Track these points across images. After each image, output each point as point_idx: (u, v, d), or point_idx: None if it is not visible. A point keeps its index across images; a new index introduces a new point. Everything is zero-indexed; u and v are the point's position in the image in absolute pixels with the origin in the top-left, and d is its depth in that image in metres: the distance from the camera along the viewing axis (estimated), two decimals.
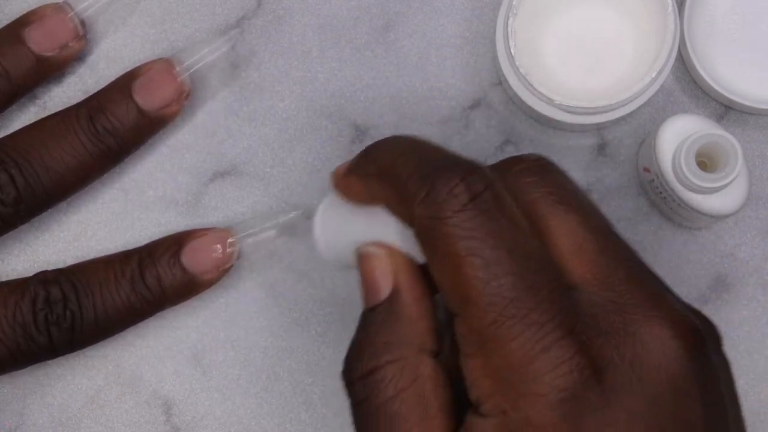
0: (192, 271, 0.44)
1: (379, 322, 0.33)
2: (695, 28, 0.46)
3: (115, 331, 0.44)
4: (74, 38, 0.45)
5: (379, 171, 0.33)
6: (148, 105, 0.44)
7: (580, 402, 0.29)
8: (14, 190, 0.43)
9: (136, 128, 0.44)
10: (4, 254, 0.47)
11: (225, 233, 0.44)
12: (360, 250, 0.35)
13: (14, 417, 0.46)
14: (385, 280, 0.33)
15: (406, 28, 0.48)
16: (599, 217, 0.33)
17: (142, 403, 0.46)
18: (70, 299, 0.42)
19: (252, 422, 0.46)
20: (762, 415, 0.46)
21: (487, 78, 0.47)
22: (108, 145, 0.44)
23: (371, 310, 0.34)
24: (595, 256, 0.32)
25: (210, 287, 0.45)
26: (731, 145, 0.41)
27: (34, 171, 0.43)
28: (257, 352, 0.46)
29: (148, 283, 0.43)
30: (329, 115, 0.47)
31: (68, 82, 0.47)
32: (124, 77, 0.45)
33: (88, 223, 0.47)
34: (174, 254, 0.44)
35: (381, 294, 0.33)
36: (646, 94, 0.44)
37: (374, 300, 0.34)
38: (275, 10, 0.48)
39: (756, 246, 0.46)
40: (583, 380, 0.29)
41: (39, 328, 0.42)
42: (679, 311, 0.31)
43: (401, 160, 0.33)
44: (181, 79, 0.44)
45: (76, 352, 0.44)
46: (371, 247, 0.34)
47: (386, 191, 0.33)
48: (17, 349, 0.42)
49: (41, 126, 0.44)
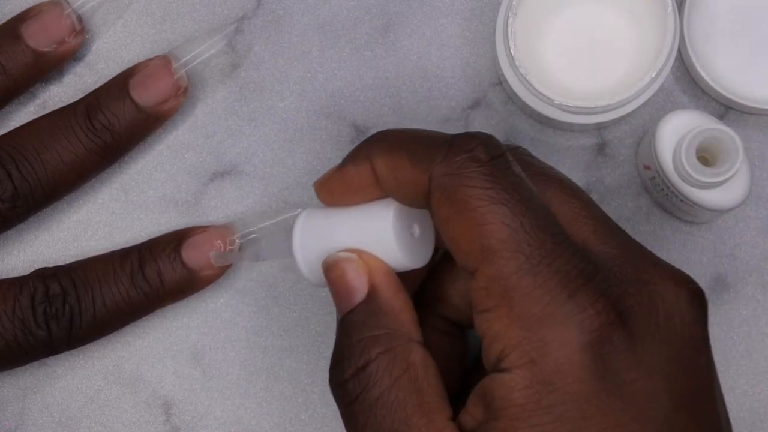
0: (192, 267, 0.44)
1: (360, 321, 0.33)
2: (695, 28, 0.46)
3: (115, 327, 0.44)
4: (71, 34, 0.45)
5: (389, 146, 0.34)
6: (145, 101, 0.44)
7: (607, 344, 0.30)
8: (11, 185, 0.43)
9: (134, 125, 0.44)
10: (4, 254, 0.47)
11: (226, 230, 0.44)
12: (327, 260, 0.35)
13: (14, 417, 0.46)
14: (359, 281, 0.34)
15: (406, 28, 0.48)
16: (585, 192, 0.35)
17: (142, 403, 0.46)
18: (69, 294, 0.43)
19: (252, 422, 0.46)
20: (762, 415, 0.46)
21: (487, 78, 0.47)
22: (105, 142, 0.44)
23: (350, 312, 0.34)
24: (594, 220, 0.33)
25: (209, 284, 0.45)
26: (731, 139, 0.41)
27: (30, 167, 0.43)
28: (257, 352, 0.46)
29: (148, 277, 0.43)
30: (329, 115, 0.47)
31: (67, 81, 0.47)
32: (121, 74, 0.45)
33: (87, 223, 0.47)
34: (174, 249, 0.44)
35: (357, 295, 0.34)
36: (646, 94, 0.44)
37: (350, 303, 0.34)
38: (275, 10, 0.48)
39: (756, 245, 0.46)
40: (609, 322, 0.30)
41: (38, 322, 0.42)
42: (681, 271, 0.33)
43: (413, 133, 0.34)
44: (177, 75, 0.45)
45: (76, 350, 0.44)
46: (341, 253, 0.35)
47: (395, 162, 0.33)
48: (16, 344, 0.42)
49: (38, 123, 0.44)
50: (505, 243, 0.30)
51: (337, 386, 0.33)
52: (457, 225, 0.31)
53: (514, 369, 0.30)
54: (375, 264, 0.34)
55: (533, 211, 0.31)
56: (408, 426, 0.31)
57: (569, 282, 0.30)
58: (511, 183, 0.31)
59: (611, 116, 0.44)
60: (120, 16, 0.45)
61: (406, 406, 0.32)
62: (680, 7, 0.45)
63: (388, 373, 0.32)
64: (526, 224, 0.31)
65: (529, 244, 0.30)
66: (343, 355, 0.33)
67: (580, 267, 0.31)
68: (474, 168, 0.31)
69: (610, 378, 0.30)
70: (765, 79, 0.46)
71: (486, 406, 0.31)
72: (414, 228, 0.35)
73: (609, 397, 0.30)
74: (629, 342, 0.30)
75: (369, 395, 0.32)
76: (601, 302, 0.30)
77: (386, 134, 0.35)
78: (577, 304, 0.30)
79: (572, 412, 0.29)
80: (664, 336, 0.31)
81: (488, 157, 0.32)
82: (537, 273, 0.30)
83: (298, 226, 0.37)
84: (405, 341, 0.33)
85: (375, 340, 0.33)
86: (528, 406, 0.30)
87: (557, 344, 0.30)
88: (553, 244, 0.31)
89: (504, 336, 0.30)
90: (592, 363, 0.30)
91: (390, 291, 0.34)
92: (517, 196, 0.31)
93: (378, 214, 0.35)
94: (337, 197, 0.36)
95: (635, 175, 0.47)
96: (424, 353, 0.33)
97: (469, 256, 0.31)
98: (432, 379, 0.33)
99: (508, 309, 0.30)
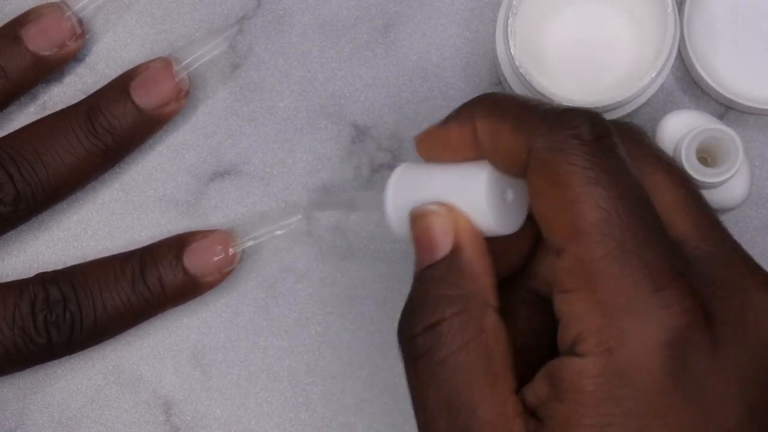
0: (193, 273, 0.44)
1: (439, 277, 0.33)
2: (695, 28, 0.46)
3: (115, 333, 0.44)
4: (72, 37, 0.45)
5: (494, 109, 0.33)
6: (146, 103, 0.44)
7: (689, 345, 0.29)
8: (13, 188, 0.43)
9: (135, 127, 0.44)
10: (4, 254, 0.47)
11: (227, 236, 0.44)
12: (415, 210, 0.34)
13: (14, 417, 0.46)
14: (445, 237, 0.33)
15: (406, 28, 0.48)
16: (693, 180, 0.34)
17: (142, 403, 0.46)
18: (70, 300, 0.42)
19: (252, 422, 0.46)
20: None
21: (487, 78, 0.47)
22: (106, 144, 0.44)
23: (429, 267, 0.33)
24: (698, 212, 0.32)
25: (211, 289, 0.45)
26: (731, 139, 0.41)
27: (32, 170, 0.43)
28: (257, 352, 0.46)
29: (149, 283, 0.43)
30: (329, 115, 0.47)
31: (68, 82, 0.47)
32: (122, 76, 0.45)
33: (87, 223, 0.47)
34: (176, 255, 0.44)
35: (440, 251, 0.33)
36: (646, 94, 0.44)
37: (431, 258, 0.33)
38: (275, 10, 0.48)
39: (756, 245, 0.46)
40: (694, 322, 0.29)
41: (38, 329, 0.42)
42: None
43: (521, 100, 0.33)
44: (179, 77, 0.45)
45: (76, 353, 0.44)
46: (430, 206, 0.34)
47: (498, 127, 0.33)
48: (15, 351, 0.42)
49: (40, 125, 0.44)
50: (596, 226, 0.30)
51: (406, 339, 0.32)
52: (550, 200, 0.31)
53: (588, 355, 0.29)
54: (462, 223, 0.33)
55: (631, 198, 0.30)
56: (471, 390, 0.31)
57: (658, 276, 0.29)
58: (612, 166, 0.30)
59: (611, 116, 0.44)
60: (120, 17, 0.45)
61: (473, 371, 0.31)
62: (680, 7, 0.45)
63: (459, 334, 0.31)
64: (621, 210, 0.30)
65: (621, 231, 0.30)
66: (416, 310, 0.32)
67: (672, 262, 0.30)
68: (576, 145, 0.30)
69: (686, 379, 0.29)
70: (765, 79, 0.46)
71: (553, 387, 0.30)
72: (507, 193, 0.34)
73: (682, 398, 0.29)
74: (712, 346, 0.29)
75: (437, 354, 0.31)
76: (688, 301, 0.29)
77: (494, 96, 0.34)
78: (663, 299, 0.29)
79: (642, 408, 0.29)
80: (749, 345, 0.30)
81: (593, 136, 0.31)
82: (626, 262, 0.29)
83: (392, 178, 0.36)
84: (481, 305, 0.32)
85: (451, 300, 0.32)
86: (597, 394, 0.29)
87: (637, 337, 0.29)
88: (647, 235, 0.30)
89: (583, 320, 0.30)
90: (670, 361, 0.29)
91: (474, 252, 0.33)
92: (615, 180, 0.30)
93: (472, 173, 0.34)
94: (436, 153, 0.35)
95: None
96: (498, 320, 0.32)
97: (558, 233, 0.31)
98: (502, 347, 0.32)
99: (591, 293, 0.30)
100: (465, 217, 0.34)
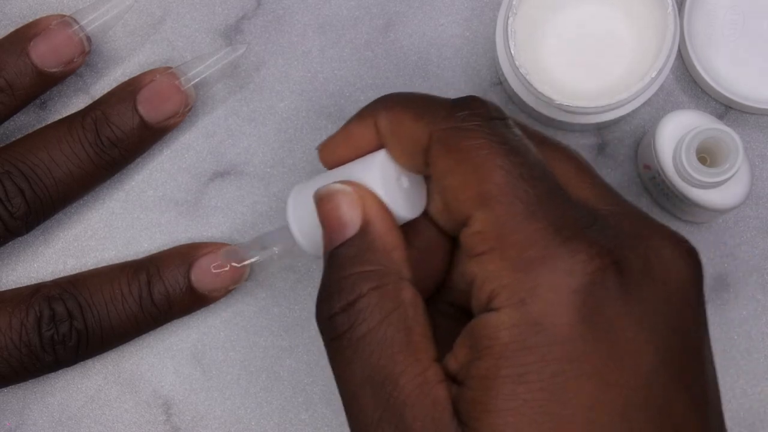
0: (201, 291, 0.44)
1: (352, 255, 0.33)
2: (695, 28, 0.46)
3: (120, 344, 0.45)
4: (80, 54, 0.44)
5: (394, 104, 0.34)
6: (153, 118, 0.44)
7: (600, 290, 0.30)
8: (24, 204, 0.43)
9: (141, 140, 0.44)
10: (3, 254, 0.47)
11: (235, 251, 0.44)
12: (320, 191, 0.34)
13: (14, 417, 0.46)
14: (354, 214, 0.33)
15: (406, 28, 0.48)
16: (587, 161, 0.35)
17: (142, 403, 0.46)
18: (76, 318, 0.42)
19: (252, 422, 0.46)
20: (762, 415, 0.46)
21: (487, 78, 0.47)
22: (113, 157, 0.44)
23: (341, 246, 0.33)
24: (594, 179, 0.33)
25: (216, 301, 0.45)
26: (732, 138, 0.41)
27: (43, 185, 0.43)
28: (257, 352, 0.46)
29: (156, 300, 0.43)
30: (329, 115, 0.47)
31: (67, 81, 0.47)
32: (129, 86, 0.44)
33: (88, 223, 0.47)
34: (184, 273, 0.44)
35: (349, 229, 0.33)
36: (646, 94, 0.44)
37: (342, 236, 0.33)
38: (275, 10, 0.48)
39: (756, 245, 0.46)
40: (604, 268, 0.30)
41: (45, 348, 0.42)
42: (678, 232, 0.32)
43: (418, 95, 0.34)
44: (185, 90, 0.44)
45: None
46: (335, 185, 0.34)
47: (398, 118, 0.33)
48: (22, 368, 0.42)
49: (46, 136, 0.44)
50: (502, 188, 0.31)
51: (326, 320, 0.32)
52: (455, 174, 0.32)
53: (502, 308, 0.30)
54: (369, 198, 0.34)
55: (532, 164, 0.31)
56: (393, 363, 0.31)
57: (565, 228, 0.30)
58: (511, 138, 0.32)
59: (611, 116, 0.44)
60: (121, 18, 0.45)
61: (394, 343, 0.31)
62: (680, 7, 0.45)
63: (378, 309, 0.32)
64: (525, 173, 0.31)
65: (526, 192, 0.30)
66: (333, 290, 0.32)
67: (577, 216, 0.31)
68: (476, 123, 0.32)
69: (599, 322, 0.29)
70: (765, 79, 0.46)
71: (472, 347, 0.30)
72: (402, 180, 0.35)
73: (596, 341, 0.29)
74: (623, 290, 0.30)
75: (358, 330, 0.32)
76: (595, 248, 0.30)
77: (395, 93, 0.35)
78: (571, 249, 0.30)
79: (557, 353, 0.29)
80: (658, 290, 0.30)
81: (490, 116, 0.32)
82: (533, 218, 0.30)
83: (290, 201, 0.36)
84: (396, 279, 0.32)
85: (366, 276, 0.32)
86: (513, 345, 0.29)
87: (548, 286, 0.29)
88: (550, 194, 0.31)
89: (496, 277, 0.30)
90: (582, 306, 0.29)
91: (384, 226, 0.33)
92: (516, 148, 0.31)
93: (367, 161, 0.35)
94: (339, 155, 0.36)
95: (635, 175, 0.47)
96: (414, 292, 0.33)
97: (465, 203, 0.31)
98: (420, 318, 0.32)
99: (502, 252, 0.30)
100: (371, 192, 0.34)
